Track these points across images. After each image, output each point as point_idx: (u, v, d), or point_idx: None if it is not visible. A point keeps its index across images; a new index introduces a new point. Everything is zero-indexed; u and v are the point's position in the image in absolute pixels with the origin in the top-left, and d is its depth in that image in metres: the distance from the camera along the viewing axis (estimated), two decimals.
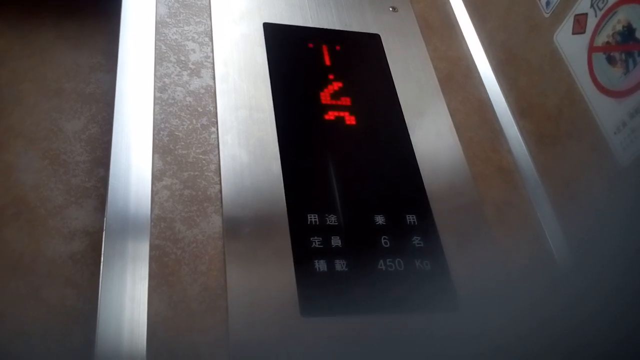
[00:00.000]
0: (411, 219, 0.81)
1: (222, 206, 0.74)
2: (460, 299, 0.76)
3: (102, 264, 0.66)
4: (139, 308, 0.65)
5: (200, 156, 0.78)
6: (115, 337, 0.62)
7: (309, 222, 0.76)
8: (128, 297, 0.65)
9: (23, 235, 0.84)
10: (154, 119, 0.79)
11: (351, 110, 0.90)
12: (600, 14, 0.80)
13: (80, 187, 0.90)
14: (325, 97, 0.90)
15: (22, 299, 0.79)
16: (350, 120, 0.89)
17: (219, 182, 0.76)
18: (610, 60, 0.78)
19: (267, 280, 0.70)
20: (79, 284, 0.81)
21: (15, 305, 0.78)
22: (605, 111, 0.78)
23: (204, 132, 0.80)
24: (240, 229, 0.73)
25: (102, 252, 0.67)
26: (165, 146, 0.77)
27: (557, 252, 0.84)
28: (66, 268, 0.82)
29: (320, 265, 0.73)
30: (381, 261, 0.76)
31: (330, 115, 0.88)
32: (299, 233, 0.75)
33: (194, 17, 0.92)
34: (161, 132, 0.78)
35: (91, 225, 0.86)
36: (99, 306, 0.63)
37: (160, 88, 0.82)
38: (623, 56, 0.76)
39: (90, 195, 0.89)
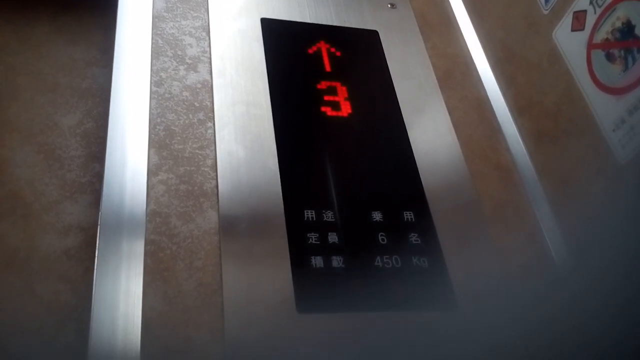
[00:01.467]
0: (409, 216, 0.81)
1: (218, 201, 0.74)
2: (457, 296, 0.75)
3: (96, 258, 0.66)
4: (134, 303, 0.64)
5: (197, 151, 0.78)
6: (110, 333, 0.62)
7: (305, 219, 0.76)
8: (123, 293, 0.65)
9: (17, 230, 0.83)
10: (150, 113, 0.78)
11: (349, 106, 0.89)
12: (599, 10, 0.79)
13: (75, 182, 0.89)
14: (322, 93, 0.89)
15: (16, 294, 0.78)
16: (347, 116, 0.88)
17: (215, 178, 0.76)
18: (610, 57, 0.77)
19: (263, 277, 0.70)
20: (73, 279, 0.80)
21: (9, 300, 0.77)
22: (604, 108, 0.78)
23: (200, 127, 0.80)
24: (236, 224, 0.73)
25: (97, 247, 0.66)
26: (162, 141, 0.77)
27: (555, 250, 0.84)
28: (60, 263, 0.82)
29: (317, 261, 0.73)
30: (378, 258, 0.75)
31: (328, 112, 0.88)
32: (296, 229, 0.74)
33: (191, 12, 0.92)
34: (157, 127, 0.78)
35: (86, 220, 0.86)
36: (93, 301, 0.63)
37: (157, 82, 0.82)
38: (622, 53, 0.75)
39: (85, 190, 0.89)
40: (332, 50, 0.95)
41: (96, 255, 0.66)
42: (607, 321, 0.75)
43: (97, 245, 0.67)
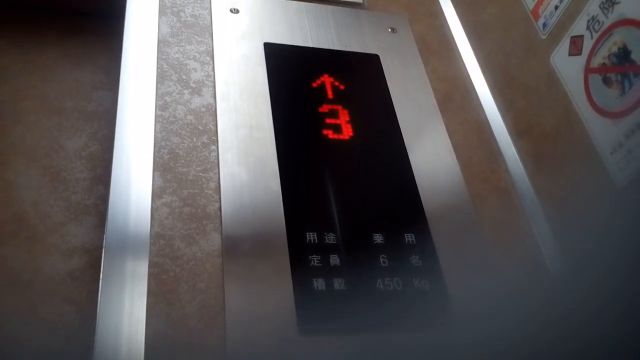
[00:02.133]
0: (410, 238, 0.81)
1: (221, 224, 0.75)
2: (458, 317, 0.76)
3: (101, 280, 0.66)
4: (137, 325, 0.65)
5: (200, 174, 0.79)
6: (113, 355, 0.62)
7: (307, 241, 0.76)
8: (126, 315, 0.65)
9: (22, 252, 0.84)
10: (155, 136, 0.80)
11: (350, 129, 0.90)
12: (596, 35, 0.81)
13: (80, 205, 0.90)
14: (324, 116, 0.90)
15: (20, 316, 0.78)
16: (349, 139, 0.89)
17: (218, 200, 0.77)
18: (606, 82, 0.79)
19: (265, 299, 0.70)
20: (77, 301, 0.81)
21: (13, 322, 0.78)
22: (602, 132, 0.79)
23: (204, 150, 0.81)
24: (239, 246, 0.73)
25: (102, 269, 0.67)
26: (166, 164, 0.78)
27: (554, 271, 0.85)
28: (65, 285, 0.82)
29: (319, 284, 0.73)
30: (379, 280, 0.76)
31: (330, 135, 0.89)
32: (298, 251, 0.75)
33: (196, 37, 0.93)
34: (162, 150, 0.79)
35: (90, 242, 0.86)
36: (97, 323, 0.63)
37: (162, 106, 0.83)
38: (619, 77, 0.77)
39: (90, 212, 0.90)
40: (334, 74, 0.96)
41: (100, 277, 0.66)
42: (602, 339, 0.75)
43: (101, 267, 0.67)
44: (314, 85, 0.94)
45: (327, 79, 0.95)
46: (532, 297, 0.81)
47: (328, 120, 0.90)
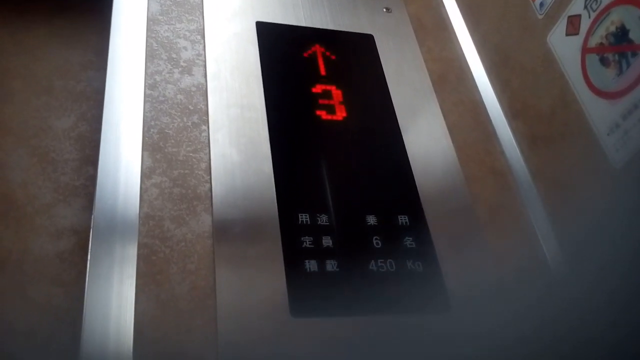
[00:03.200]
0: (403, 219, 0.80)
1: (212, 205, 0.74)
2: (452, 300, 0.75)
3: (89, 262, 0.65)
4: (126, 307, 0.64)
5: (191, 154, 0.77)
6: (102, 336, 0.62)
7: (299, 222, 0.76)
8: (115, 296, 0.64)
9: (10, 233, 0.83)
10: (144, 116, 0.78)
11: (344, 110, 0.89)
12: (593, 15, 0.79)
13: (69, 186, 0.89)
14: (317, 97, 0.89)
15: (9, 297, 0.78)
16: (342, 120, 0.88)
17: (209, 181, 0.76)
18: (604, 62, 0.78)
19: (257, 280, 0.70)
20: (66, 282, 0.80)
21: (1, 303, 0.77)
22: (599, 113, 0.78)
23: (194, 130, 0.80)
24: (230, 228, 0.73)
25: (89, 250, 0.66)
26: (155, 144, 0.77)
27: (550, 253, 0.84)
28: (53, 266, 0.81)
29: (311, 265, 0.72)
30: (372, 262, 0.75)
31: (323, 115, 0.87)
32: (290, 233, 0.74)
33: (186, 15, 0.92)
34: (151, 130, 0.78)
35: (79, 224, 0.85)
36: (85, 305, 0.63)
37: (151, 85, 0.82)
38: (616, 57, 0.75)
39: (78, 193, 0.88)
40: (327, 54, 0.95)
41: (89, 258, 0.65)
42: (602, 324, 0.75)
43: (90, 248, 0.66)
44: (307, 65, 0.92)
45: (320, 59, 0.94)
46: (526, 278, 0.81)
47: (321, 101, 0.89)
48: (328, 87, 0.91)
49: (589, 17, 0.80)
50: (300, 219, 0.76)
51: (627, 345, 0.72)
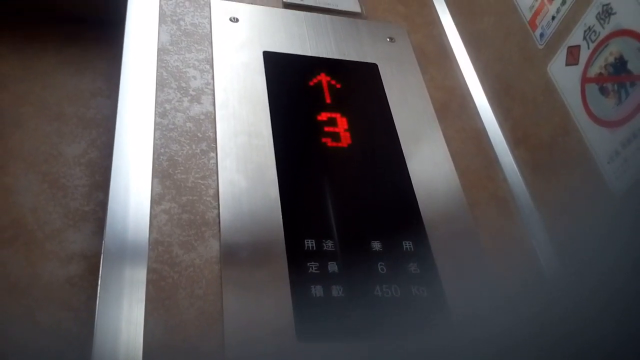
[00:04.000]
0: (407, 245, 0.81)
1: (219, 230, 0.75)
2: (456, 324, 0.76)
3: (99, 286, 0.66)
4: (135, 332, 0.64)
5: (199, 181, 0.79)
6: None
7: (306, 248, 0.77)
8: (124, 321, 0.65)
9: (20, 258, 0.84)
10: (154, 143, 0.80)
11: (348, 137, 0.91)
12: (592, 46, 0.81)
13: (78, 211, 0.90)
14: (323, 124, 0.91)
15: (19, 322, 0.78)
16: (347, 147, 0.90)
17: (217, 207, 0.77)
18: (603, 91, 0.79)
19: (263, 305, 0.70)
20: (75, 307, 0.81)
21: (11, 328, 0.78)
22: (599, 141, 0.80)
23: (203, 157, 0.81)
24: (237, 253, 0.74)
25: (100, 275, 0.67)
26: (165, 171, 0.78)
27: (552, 280, 0.85)
28: (63, 291, 0.82)
29: (317, 290, 0.73)
30: (377, 287, 0.76)
31: (328, 143, 0.89)
32: (296, 258, 0.75)
33: (195, 45, 0.94)
34: (161, 157, 0.79)
35: (89, 249, 0.86)
36: (95, 329, 0.63)
37: (161, 113, 0.84)
38: (615, 87, 0.77)
39: (88, 219, 0.90)
40: (333, 82, 0.97)
41: (99, 283, 0.66)
42: (598, 348, 0.75)
43: (100, 273, 0.67)
44: (313, 93, 0.94)
45: (325, 87, 0.95)
46: (529, 304, 0.82)
47: (327, 128, 0.90)
48: (333, 115, 0.92)
49: (588, 47, 0.82)
50: (306, 245, 0.77)
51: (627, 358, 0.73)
